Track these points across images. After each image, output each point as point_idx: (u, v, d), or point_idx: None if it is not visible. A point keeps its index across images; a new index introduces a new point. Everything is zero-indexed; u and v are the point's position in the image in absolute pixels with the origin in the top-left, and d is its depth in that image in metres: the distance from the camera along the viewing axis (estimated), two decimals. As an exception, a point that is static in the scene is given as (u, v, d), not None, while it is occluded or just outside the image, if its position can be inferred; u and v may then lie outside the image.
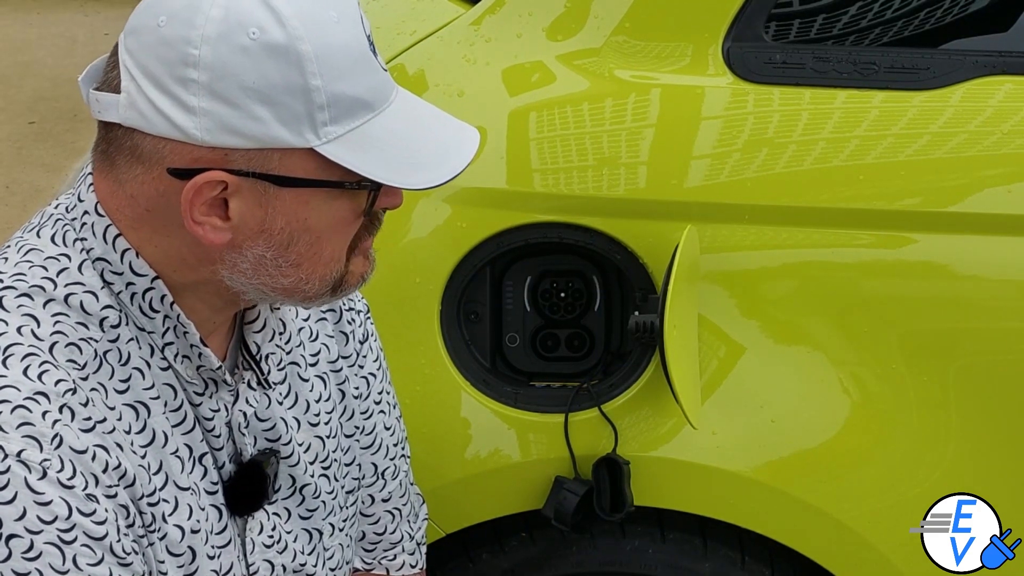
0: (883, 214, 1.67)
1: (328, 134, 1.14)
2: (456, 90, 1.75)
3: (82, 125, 5.20)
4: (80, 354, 1.16)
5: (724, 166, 1.70)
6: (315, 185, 1.15)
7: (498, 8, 1.78)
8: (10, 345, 1.13)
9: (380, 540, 1.60)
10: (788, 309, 1.71)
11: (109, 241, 1.19)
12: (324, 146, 1.14)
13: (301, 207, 1.16)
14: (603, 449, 1.73)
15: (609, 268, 1.75)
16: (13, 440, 1.09)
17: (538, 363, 1.78)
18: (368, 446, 1.53)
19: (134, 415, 1.20)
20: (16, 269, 1.19)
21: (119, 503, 1.16)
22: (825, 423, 1.72)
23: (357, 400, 1.49)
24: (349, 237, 1.21)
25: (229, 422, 1.29)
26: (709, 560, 1.79)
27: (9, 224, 4.47)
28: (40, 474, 1.09)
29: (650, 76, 1.73)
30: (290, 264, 1.19)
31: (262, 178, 1.14)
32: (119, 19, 6.44)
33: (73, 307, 1.18)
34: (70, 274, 1.19)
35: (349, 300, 1.49)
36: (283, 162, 1.14)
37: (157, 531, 1.21)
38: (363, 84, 1.15)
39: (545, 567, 1.84)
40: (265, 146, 1.13)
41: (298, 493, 1.38)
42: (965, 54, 1.70)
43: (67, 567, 1.10)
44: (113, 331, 1.19)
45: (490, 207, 1.70)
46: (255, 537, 1.33)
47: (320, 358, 1.43)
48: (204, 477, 1.27)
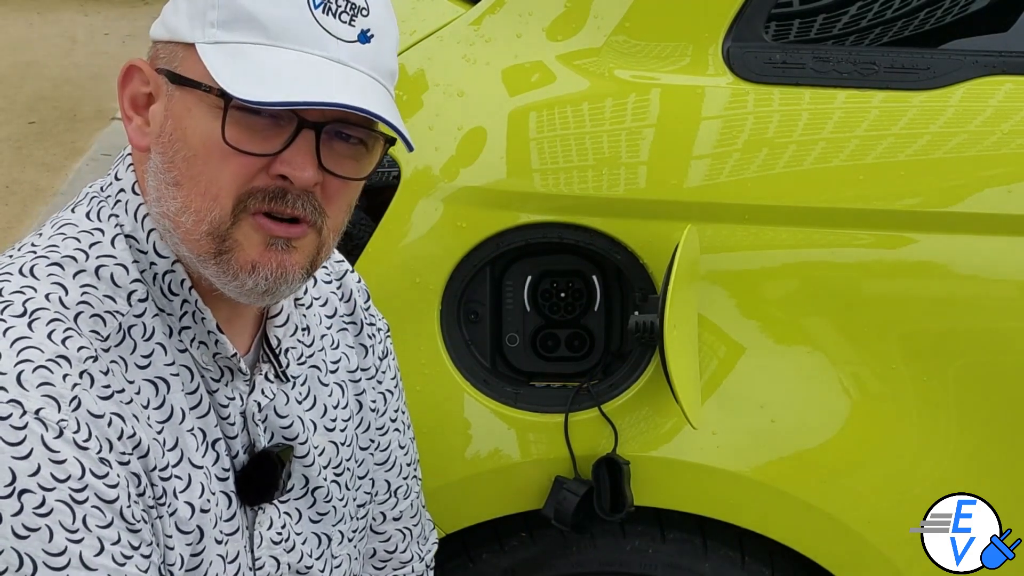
0: (883, 214, 1.67)
1: (211, 36, 1.15)
2: (456, 90, 1.75)
3: (82, 125, 5.20)
4: (104, 326, 1.18)
5: (724, 166, 1.70)
6: (186, 84, 1.16)
7: (498, 8, 1.78)
8: (37, 309, 1.15)
9: (390, 558, 1.60)
10: (788, 309, 1.71)
11: (139, 220, 1.22)
12: (202, 45, 1.15)
13: (185, 113, 1.17)
14: (603, 449, 1.73)
15: (609, 268, 1.75)
16: (32, 398, 1.11)
17: (538, 363, 1.78)
18: (382, 463, 1.53)
19: (153, 390, 1.21)
20: (50, 241, 1.21)
21: (131, 471, 1.17)
22: (825, 423, 1.72)
23: (374, 414, 1.49)
24: (229, 175, 1.16)
25: (244, 412, 1.30)
26: (709, 560, 1.79)
27: (9, 224, 4.47)
28: (56, 433, 1.11)
29: (650, 76, 1.73)
30: (173, 182, 1.18)
31: (165, 73, 1.18)
32: (119, 19, 6.44)
33: (103, 279, 1.20)
34: (102, 247, 1.21)
35: (371, 316, 1.50)
36: (183, 62, 1.17)
37: (167, 505, 1.21)
38: (269, 8, 1.15)
39: (545, 567, 1.84)
40: (173, 38, 1.18)
41: (310, 495, 1.38)
42: (965, 54, 1.70)
43: (76, 526, 1.11)
44: (140, 305, 1.21)
45: (490, 207, 1.70)
46: (264, 531, 1.33)
47: (340, 366, 1.44)
48: (216, 463, 1.27)
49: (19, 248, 1.23)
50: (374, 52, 1.19)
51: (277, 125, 1.15)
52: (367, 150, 1.22)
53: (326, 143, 1.17)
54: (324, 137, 1.16)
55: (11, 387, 1.10)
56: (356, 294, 1.50)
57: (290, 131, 1.15)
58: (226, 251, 1.17)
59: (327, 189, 1.19)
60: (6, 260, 1.21)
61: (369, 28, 1.18)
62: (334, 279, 1.48)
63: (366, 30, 1.18)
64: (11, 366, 1.11)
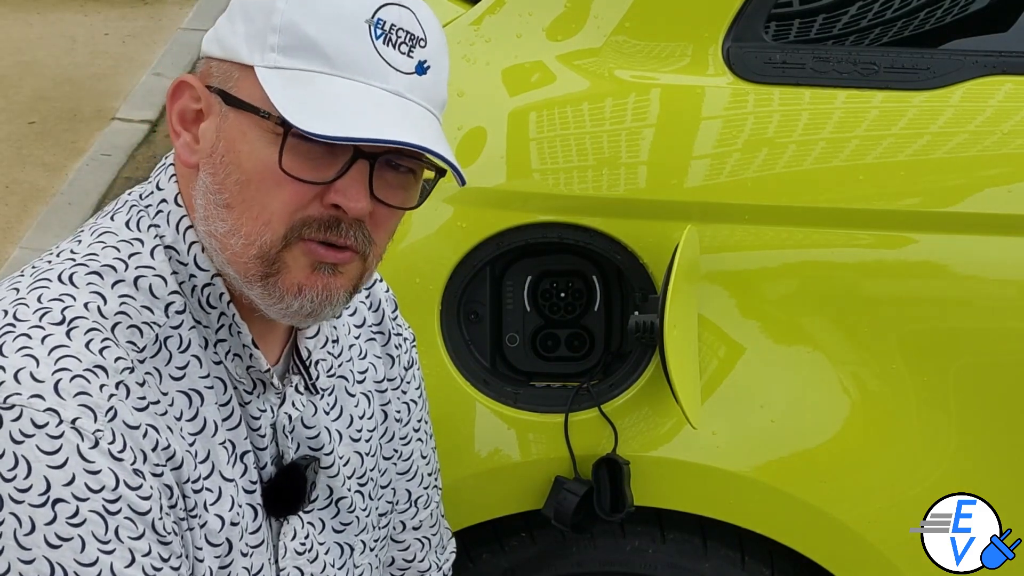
0: (883, 214, 1.67)
1: (271, 60, 1.14)
2: (456, 90, 1.74)
3: (82, 125, 5.20)
4: (141, 337, 1.18)
5: (724, 166, 1.70)
6: (242, 107, 1.16)
7: (498, 8, 1.78)
8: (76, 318, 1.15)
9: (408, 567, 1.61)
10: (788, 309, 1.71)
11: (180, 232, 1.22)
12: (261, 69, 1.14)
13: (239, 136, 1.16)
14: (603, 449, 1.73)
15: (609, 268, 1.74)
16: (69, 407, 1.11)
17: (538, 363, 1.78)
18: (404, 472, 1.53)
19: (187, 402, 1.21)
20: (89, 250, 1.21)
21: (164, 483, 1.17)
22: (825, 423, 1.72)
23: (398, 424, 1.49)
24: (282, 202, 1.16)
25: (274, 424, 1.29)
26: (709, 560, 1.79)
27: (9, 224, 4.47)
28: (92, 443, 1.11)
29: (650, 76, 1.72)
30: (224, 204, 1.17)
31: (218, 93, 1.17)
32: (119, 19, 6.44)
33: (141, 290, 1.19)
34: (141, 258, 1.21)
35: (398, 326, 1.50)
36: (238, 83, 1.16)
37: (198, 517, 1.21)
38: (332, 37, 1.14)
39: (545, 567, 1.84)
40: (229, 57, 1.16)
41: (334, 505, 1.38)
42: (965, 54, 1.69)
43: (108, 537, 1.11)
44: (177, 317, 1.21)
45: (490, 207, 1.70)
46: (288, 543, 1.33)
47: (367, 376, 1.44)
48: (244, 475, 1.27)
49: (57, 254, 1.22)
50: (430, 83, 1.19)
51: (331, 153, 1.15)
52: (415, 179, 1.22)
53: (378, 172, 1.17)
54: (376, 167, 1.16)
55: (48, 395, 1.11)
56: (384, 304, 1.49)
57: (345, 160, 1.15)
58: (273, 274, 1.18)
59: (375, 217, 1.19)
60: (44, 266, 1.21)
61: (426, 59, 1.18)
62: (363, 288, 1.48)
63: (423, 61, 1.18)
64: (49, 374, 1.11)
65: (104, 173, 4.71)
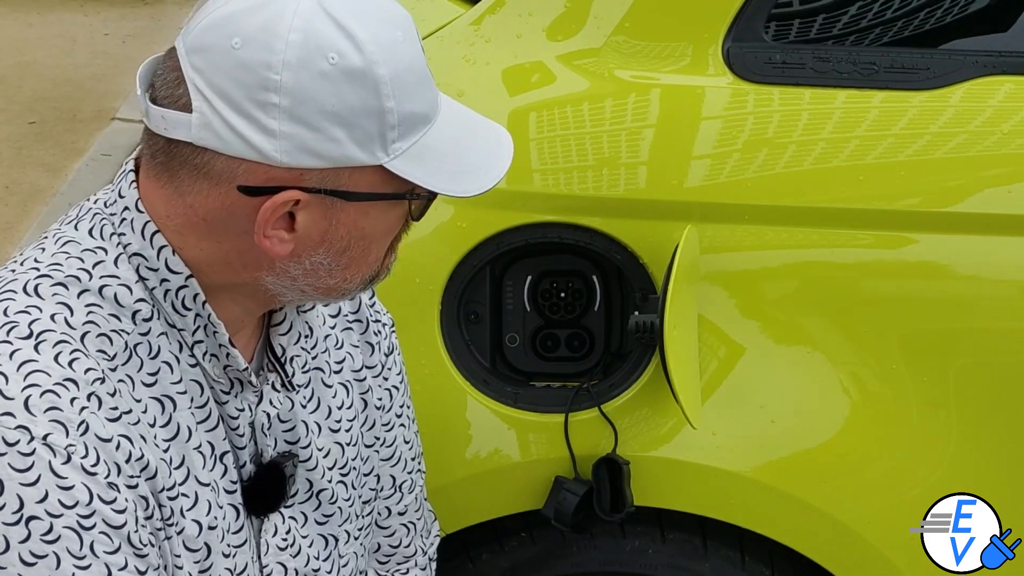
0: (883, 214, 1.67)
1: (395, 150, 1.17)
2: (456, 90, 1.75)
3: (82, 125, 5.20)
4: (111, 345, 1.18)
5: (724, 166, 1.70)
6: (380, 199, 1.19)
7: (498, 8, 1.78)
8: (43, 331, 1.14)
9: (394, 553, 1.60)
10: (788, 309, 1.71)
11: (147, 237, 1.20)
12: (391, 162, 1.17)
13: (361, 218, 1.19)
14: (603, 449, 1.73)
15: (609, 268, 1.75)
16: (40, 423, 1.10)
17: (538, 363, 1.78)
18: (388, 458, 1.53)
19: (160, 408, 1.21)
20: (53, 259, 1.20)
21: (139, 494, 1.16)
22: (825, 423, 1.72)
23: (379, 411, 1.49)
24: (388, 238, 1.25)
25: (252, 422, 1.30)
26: (709, 560, 1.79)
27: (9, 224, 4.47)
28: (64, 459, 1.10)
29: (650, 76, 1.73)
30: (341, 267, 1.22)
31: (332, 194, 1.16)
32: (119, 19, 6.44)
33: (107, 299, 1.19)
34: (105, 267, 1.20)
35: (376, 312, 1.50)
36: (352, 178, 1.17)
37: (175, 525, 1.21)
38: (425, 99, 1.19)
39: (545, 567, 1.84)
40: (339, 165, 1.15)
41: (315, 498, 1.38)
42: (965, 54, 1.70)
43: (84, 552, 1.11)
44: (145, 324, 1.20)
45: (490, 207, 1.70)
46: (270, 539, 1.33)
47: (344, 366, 1.44)
48: (224, 475, 1.27)
49: (21, 263, 1.22)
50: None
51: None
52: None
53: None
54: None
55: (19, 413, 1.10)
56: None
57: None
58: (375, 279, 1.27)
59: None
60: (8, 275, 1.20)
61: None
62: None
63: (422, 48, 1.24)
64: (18, 391, 1.11)
65: (104, 173, 4.71)
